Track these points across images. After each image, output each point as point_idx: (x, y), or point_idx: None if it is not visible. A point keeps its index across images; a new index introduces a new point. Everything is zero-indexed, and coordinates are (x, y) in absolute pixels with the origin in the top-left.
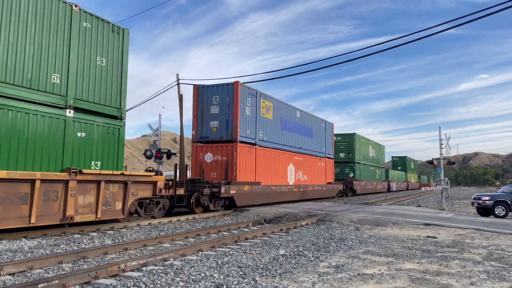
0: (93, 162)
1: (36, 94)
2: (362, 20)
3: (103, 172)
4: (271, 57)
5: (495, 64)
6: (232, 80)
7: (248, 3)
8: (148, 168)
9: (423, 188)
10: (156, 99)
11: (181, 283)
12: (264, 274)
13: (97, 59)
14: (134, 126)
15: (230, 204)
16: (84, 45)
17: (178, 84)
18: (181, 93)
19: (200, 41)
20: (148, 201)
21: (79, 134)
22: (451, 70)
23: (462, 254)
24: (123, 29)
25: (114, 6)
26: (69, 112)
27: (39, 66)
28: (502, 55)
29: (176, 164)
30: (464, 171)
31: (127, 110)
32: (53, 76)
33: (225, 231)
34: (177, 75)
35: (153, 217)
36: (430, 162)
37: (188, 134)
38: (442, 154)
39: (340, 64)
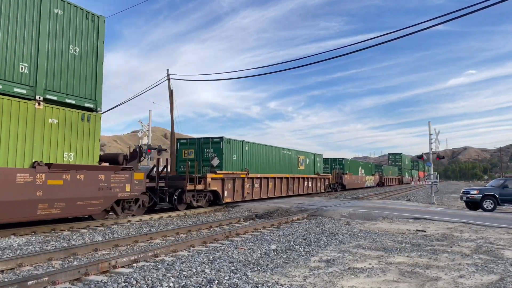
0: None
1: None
2: (352, 17)
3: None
4: (262, 53)
5: (482, 60)
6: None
7: None
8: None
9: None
10: (146, 94)
11: (172, 279)
12: (256, 269)
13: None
14: (125, 122)
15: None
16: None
17: (169, 79)
18: (171, 89)
19: (191, 36)
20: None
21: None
22: (440, 66)
23: (451, 247)
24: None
25: (104, 2)
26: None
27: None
28: (489, 51)
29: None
30: (453, 166)
31: (117, 106)
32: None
33: (216, 227)
34: (167, 70)
35: (133, 215)
36: (420, 157)
37: (178, 129)
38: (431, 148)
39: (330, 60)
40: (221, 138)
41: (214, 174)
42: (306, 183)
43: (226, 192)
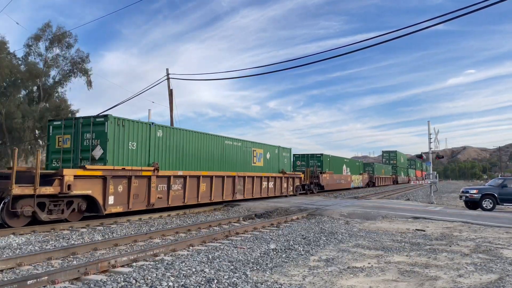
0: None
1: None
2: (352, 17)
3: None
4: (261, 52)
5: (481, 59)
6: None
7: None
8: None
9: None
10: (146, 94)
11: (172, 278)
12: (255, 268)
13: None
14: None
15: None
16: None
17: (168, 79)
18: (171, 88)
19: (191, 36)
20: None
21: None
22: (439, 66)
23: (450, 246)
24: None
25: (103, 2)
26: None
27: None
28: (488, 51)
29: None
30: (452, 165)
31: (117, 105)
32: None
33: (215, 226)
34: (167, 69)
35: None
36: (419, 156)
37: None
38: (431, 148)
39: (330, 60)
40: (105, 117)
41: (82, 170)
42: (265, 183)
43: (111, 197)
